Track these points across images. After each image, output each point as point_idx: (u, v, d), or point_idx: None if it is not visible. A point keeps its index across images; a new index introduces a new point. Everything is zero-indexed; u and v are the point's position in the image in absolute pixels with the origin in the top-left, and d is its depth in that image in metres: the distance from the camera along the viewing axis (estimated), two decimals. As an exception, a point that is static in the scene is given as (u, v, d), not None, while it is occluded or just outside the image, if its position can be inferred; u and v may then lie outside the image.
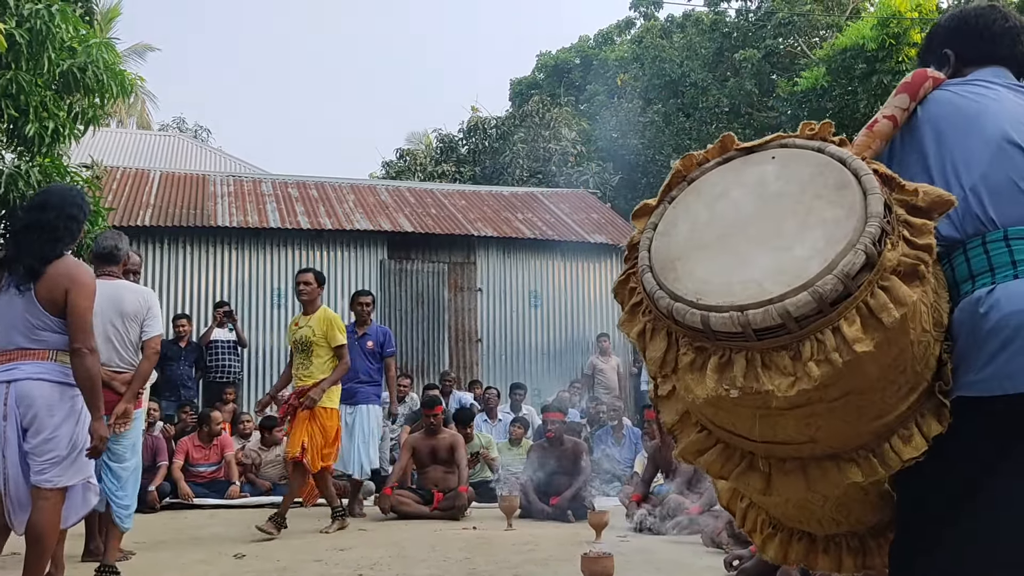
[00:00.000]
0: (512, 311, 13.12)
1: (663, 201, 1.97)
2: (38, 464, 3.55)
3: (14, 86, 5.94)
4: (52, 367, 3.61)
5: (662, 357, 1.78)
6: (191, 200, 12.59)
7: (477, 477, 8.28)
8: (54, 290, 3.60)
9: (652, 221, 1.94)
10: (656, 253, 1.84)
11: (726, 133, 2.01)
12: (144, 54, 25.47)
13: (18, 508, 3.56)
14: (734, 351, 1.68)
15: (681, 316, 1.70)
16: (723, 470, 1.92)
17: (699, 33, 22.03)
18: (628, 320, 1.89)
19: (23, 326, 3.60)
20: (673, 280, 1.76)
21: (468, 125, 23.73)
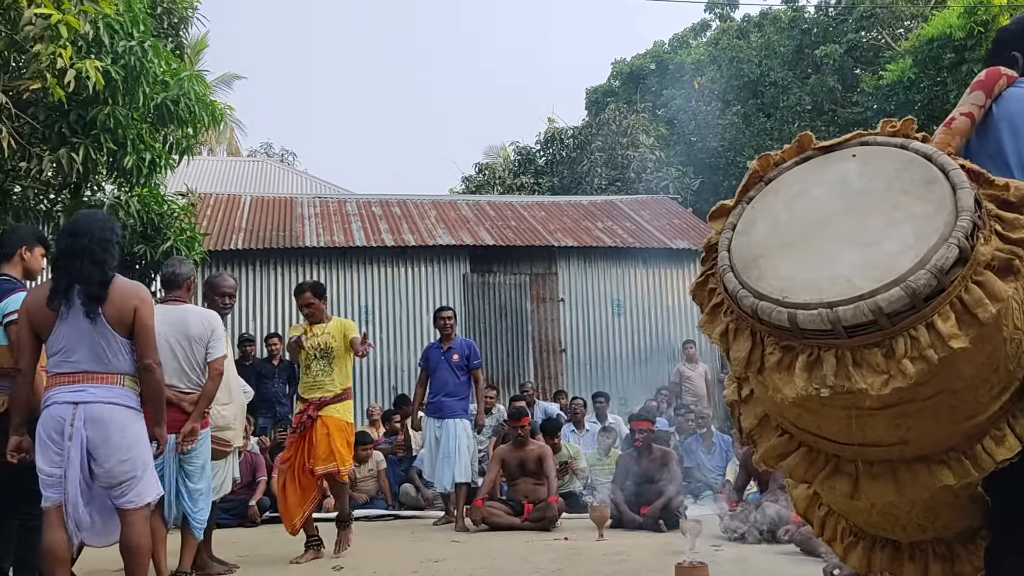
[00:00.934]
0: (595, 320, 13.08)
1: (741, 202, 1.95)
2: (119, 488, 3.67)
3: (112, 120, 6.21)
4: (121, 391, 3.72)
5: (747, 357, 1.76)
6: (280, 223, 12.98)
7: (566, 488, 8.27)
8: (123, 311, 3.70)
9: (730, 221, 1.92)
10: (736, 252, 1.82)
11: (804, 133, 1.99)
12: (231, 83, 26.41)
13: (80, 527, 3.64)
14: (823, 349, 1.64)
15: (766, 314, 1.67)
16: (807, 474, 1.88)
17: (777, 31, 21.64)
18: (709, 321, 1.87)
19: (91, 350, 3.68)
20: (756, 278, 1.74)
21: (545, 136, 23.81)
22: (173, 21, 7.82)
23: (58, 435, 3.60)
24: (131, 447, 3.69)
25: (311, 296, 6.02)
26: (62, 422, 3.60)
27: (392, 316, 12.33)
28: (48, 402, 3.67)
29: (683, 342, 12.12)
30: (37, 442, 3.67)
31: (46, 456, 3.62)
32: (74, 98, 5.67)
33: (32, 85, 5.20)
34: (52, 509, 3.62)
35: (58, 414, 3.61)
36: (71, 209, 7.13)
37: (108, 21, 5.51)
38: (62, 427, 3.60)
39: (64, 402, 3.62)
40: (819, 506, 2.23)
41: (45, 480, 3.62)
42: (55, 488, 3.61)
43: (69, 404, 3.63)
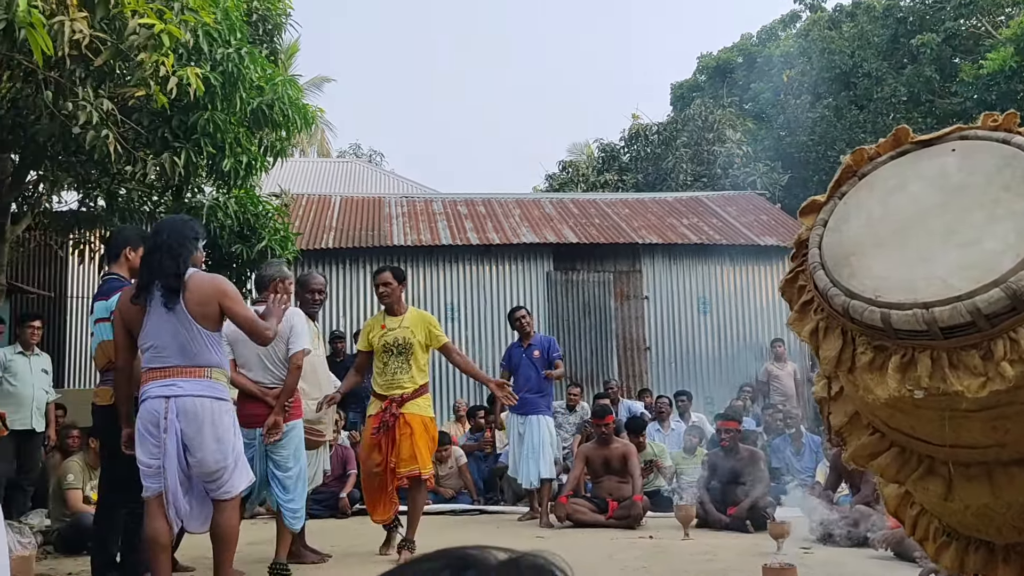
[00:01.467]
0: (680, 318, 12.95)
1: (832, 197, 1.91)
2: (212, 477, 3.83)
3: (211, 125, 6.49)
4: (209, 384, 3.83)
5: (837, 356, 1.73)
6: (369, 222, 13.26)
7: (651, 486, 8.23)
8: (206, 305, 3.82)
9: (821, 217, 1.88)
10: (828, 249, 1.79)
11: (900, 126, 1.94)
12: (322, 85, 27.07)
13: (179, 515, 3.82)
14: (917, 350, 1.60)
15: (858, 314, 1.64)
16: (899, 475, 1.85)
17: (871, 21, 20.97)
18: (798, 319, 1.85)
19: (177, 345, 3.81)
20: (848, 276, 1.70)
21: (629, 133, 23.66)
22: (268, 27, 8.09)
23: (154, 428, 3.76)
24: (221, 438, 3.83)
25: (390, 276, 5.67)
26: (157, 415, 3.76)
27: (477, 314, 12.46)
28: (143, 396, 3.83)
29: (771, 340, 11.90)
30: (136, 435, 3.84)
31: (145, 448, 3.79)
32: (175, 104, 5.93)
33: (137, 92, 5.46)
34: (153, 499, 3.80)
35: (153, 408, 3.77)
36: (173, 210, 7.47)
37: (207, 29, 5.74)
38: (157, 420, 3.75)
39: (157, 396, 3.77)
40: (911, 505, 2.19)
41: (145, 471, 3.80)
42: (155, 478, 3.78)
43: (162, 398, 3.77)
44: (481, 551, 0.71)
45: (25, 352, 7.18)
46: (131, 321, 3.91)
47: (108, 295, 4.27)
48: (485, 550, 0.71)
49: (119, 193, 7.62)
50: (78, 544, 5.71)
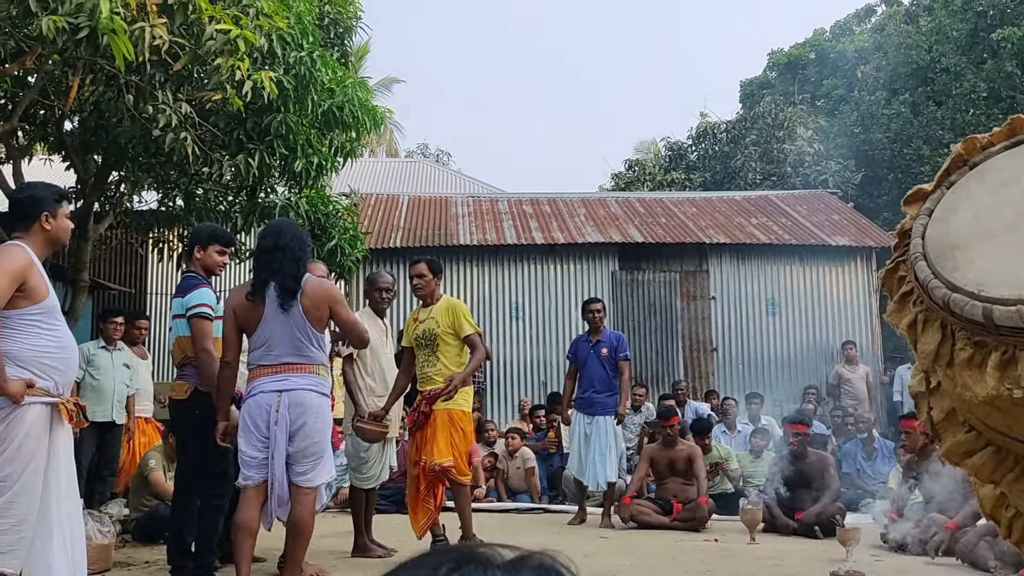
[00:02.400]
0: (748, 319, 12.76)
1: (940, 186, 1.86)
2: (303, 465, 4.01)
3: (284, 127, 6.64)
4: (317, 380, 4.07)
5: (935, 350, 1.69)
6: (435, 221, 13.39)
7: (717, 489, 8.15)
8: (320, 308, 4.05)
9: (927, 207, 1.83)
10: (931, 240, 1.74)
11: (1016, 116, 1.88)
12: (391, 86, 27.46)
13: (280, 503, 4.04)
14: (1019, 348, 1.56)
15: (959, 308, 1.60)
16: (994, 474, 1.80)
17: (949, 15, 20.33)
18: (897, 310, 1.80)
19: (291, 343, 4.00)
20: (951, 269, 1.66)
21: (697, 131, 23.38)
22: (339, 31, 8.23)
23: (263, 422, 3.95)
24: (322, 430, 4.05)
25: (425, 268, 5.52)
26: (268, 409, 3.95)
27: (542, 313, 12.49)
28: (253, 391, 4.01)
29: (842, 343, 11.66)
30: (241, 427, 4.03)
31: (250, 440, 3.98)
32: (250, 107, 6.08)
33: (214, 96, 5.62)
34: (251, 488, 4.00)
35: (264, 402, 3.96)
36: (247, 210, 7.67)
37: (281, 34, 5.87)
38: (268, 414, 3.95)
39: (270, 391, 3.97)
40: (1006, 507, 2.14)
41: (248, 462, 3.99)
42: (257, 469, 3.98)
43: (274, 392, 3.97)
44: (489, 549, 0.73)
45: (108, 347, 7.46)
46: (245, 320, 4.08)
47: (184, 292, 4.40)
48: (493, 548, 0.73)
49: (196, 193, 7.85)
50: (155, 533, 5.91)
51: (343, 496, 7.81)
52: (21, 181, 7.11)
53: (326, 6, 7.97)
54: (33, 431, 3.08)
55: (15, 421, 3.06)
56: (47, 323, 3.17)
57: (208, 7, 5.25)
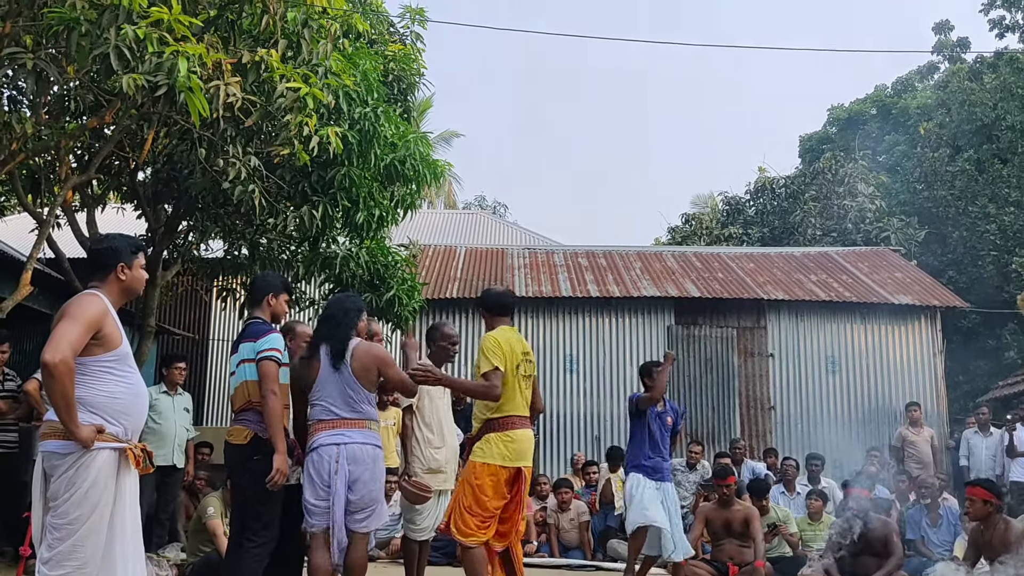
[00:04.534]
0: (807, 377, 12.52)
1: None
2: (362, 513, 4.41)
3: (347, 180, 6.82)
4: (371, 434, 4.49)
5: None
6: (492, 273, 13.49)
7: (774, 552, 7.92)
8: (369, 370, 4.52)
9: None
10: None
11: None
12: (451, 140, 27.98)
13: (339, 549, 4.39)
14: None
15: None
16: None
17: (1014, 72, 20.04)
18: None
19: (342, 399, 4.47)
20: None
21: (755, 186, 23.26)
22: (402, 87, 8.45)
23: (326, 473, 4.36)
24: (378, 479, 4.47)
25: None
26: (329, 461, 4.36)
27: (596, 366, 12.42)
28: (315, 445, 4.43)
29: (906, 404, 11.34)
30: (306, 478, 4.43)
31: (314, 490, 4.40)
32: (315, 160, 6.27)
33: (282, 151, 5.80)
34: (318, 534, 4.41)
35: (326, 455, 4.37)
36: (309, 260, 7.84)
37: (347, 91, 6.06)
38: (329, 465, 4.36)
39: (329, 444, 4.39)
40: None
41: (312, 510, 4.40)
42: (321, 517, 4.38)
43: (333, 446, 4.39)
44: None
45: (169, 392, 7.62)
46: (299, 378, 4.62)
47: (255, 337, 4.47)
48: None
49: (261, 243, 8.06)
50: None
51: (395, 547, 7.79)
52: (95, 229, 7.39)
53: (391, 63, 8.20)
54: (101, 476, 3.16)
55: (84, 466, 3.14)
56: (120, 370, 3.27)
57: (280, 66, 5.45)
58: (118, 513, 3.22)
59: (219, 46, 5.58)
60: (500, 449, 4.71)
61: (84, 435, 3.11)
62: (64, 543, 3.10)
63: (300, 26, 5.70)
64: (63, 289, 7.75)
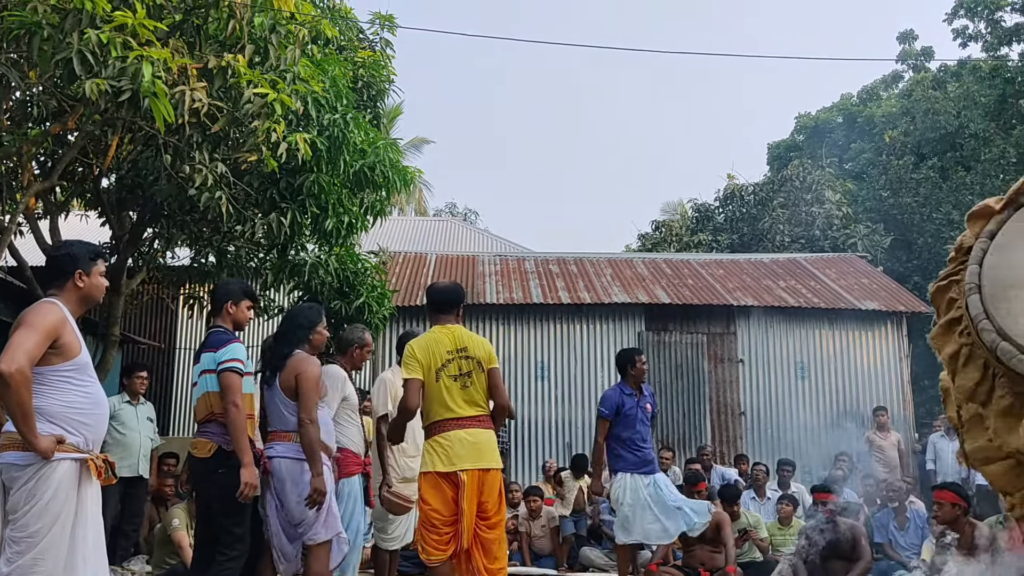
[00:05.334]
0: (777, 383, 12.62)
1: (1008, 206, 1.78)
2: (302, 527, 4.40)
3: (316, 187, 6.76)
4: (293, 447, 4.45)
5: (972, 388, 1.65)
6: (462, 279, 13.43)
7: (745, 557, 7.95)
8: (288, 379, 4.50)
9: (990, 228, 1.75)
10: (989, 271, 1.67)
11: None
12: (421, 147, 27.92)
13: (281, 557, 4.49)
14: None
15: (1007, 358, 1.57)
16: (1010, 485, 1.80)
17: (977, 81, 20.41)
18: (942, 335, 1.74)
19: (275, 412, 4.55)
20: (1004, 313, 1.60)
21: (724, 193, 23.44)
22: (372, 93, 8.41)
23: (264, 485, 4.43)
24: (302, 494, 4.37)
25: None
26: (266, 474, 4.43)
27: (567, 373, 12.43)
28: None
29: (873, 409, 11.46)
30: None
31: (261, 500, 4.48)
32: (284, 167, 6.21)
33: (250, 157, 5.74)
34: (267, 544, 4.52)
35: (264, 467, 4.44)
36: (277, 267, 7.76)
37: (316, 97, 6.01)
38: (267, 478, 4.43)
39: (264, 456, 4.48)
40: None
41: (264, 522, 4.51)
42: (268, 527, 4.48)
43: (267, 458, 4.47)
44: None
45: (132, 401, 7.51)
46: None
47: (216, 347, 4.36)
48: None
49: (228, 250, 7.97)
50: (176, 591, 5.86)
51: (365, 556, 7.72)
52: (58, 237, 7.26)
53: (360, 70, 8.16)
54: (62, 487, 3.09)
55: (44, 477, 3.07)
56: (79, 379, 3.21)
57: (247, 72, 5.40)
58: (80, 525, 3.15)
59: (184, 51, 5.52)
60: (432, 456, 4.48)
61: (44, 446, 3.04)
62: (24, 556, 3.03)
63: (267, 31, 5.65)
64: (25, 298, 7.60)
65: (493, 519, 4.52)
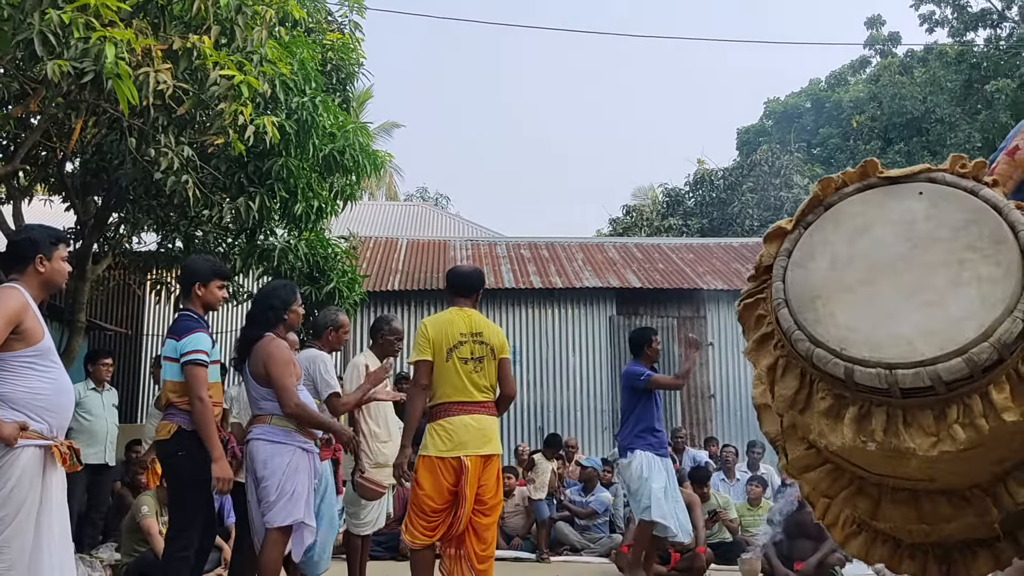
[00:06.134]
0: (746, 366, 12.70)
1: (798, 226, 1.91)
2: (263, 507, 4.31)
3: (285, 171, 6.69)
4: (266, 429, 4.36)
5: (792, 396, 1.75)
6: (434, 264, 13.42)
7: (715, 538, 8.05)
8: (257, 365, 4.40)
9: (786, 247, 1.89)
10: (792, 286, 1.79)
11: (869, 159, 1.96)
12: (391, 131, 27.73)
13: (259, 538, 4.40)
14: (874, 404, 1.64)
15: (822, 363, 1.67)
16: (830, 490, 1.88)
17: (943, 66, 20.64)
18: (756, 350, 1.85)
19: (250, 397, 4.51)
20: (813, 322, 1.72)
21: (694, 178, 23.57)
22: (341, 76, 8.33)
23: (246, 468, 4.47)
24: (265, 476, 4.28)
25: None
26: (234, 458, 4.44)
27: (539, 357, 12.46)
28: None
29: (840, 391, 11.61)
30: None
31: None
32: (252, 150, 6.14)
33: (217, 140, 5.67)
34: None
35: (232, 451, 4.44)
36: (246, 252, 7.69)
37: (284, 80, 5.94)
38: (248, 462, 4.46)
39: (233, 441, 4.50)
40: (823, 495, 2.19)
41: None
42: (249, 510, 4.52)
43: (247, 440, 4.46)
44: None
45: (97, 388, 7.41)
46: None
47: (180, 335, 4.20)
48: None
49: (196, 235, 7.87)
50: (146, 579, 5.81)
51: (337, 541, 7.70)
52: (21, 222, 7.13)
53: (329, 52, 8.08)
54: (26, 475, 3.04)
55: (8, 464, 3.02)
56: (42, 365, 3.15)
57: (212, 53, 5.32)
58: (45, 513, 3.11)
59: (148, 32, 5.41)
60: (434, 439, 4.41)
61: (6, 433, 2.99)
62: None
63: (233, 12, 5.55)
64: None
65: (490, 504, 4.48)
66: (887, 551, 2.08)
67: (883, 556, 2.09)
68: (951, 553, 2.01)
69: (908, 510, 1.81)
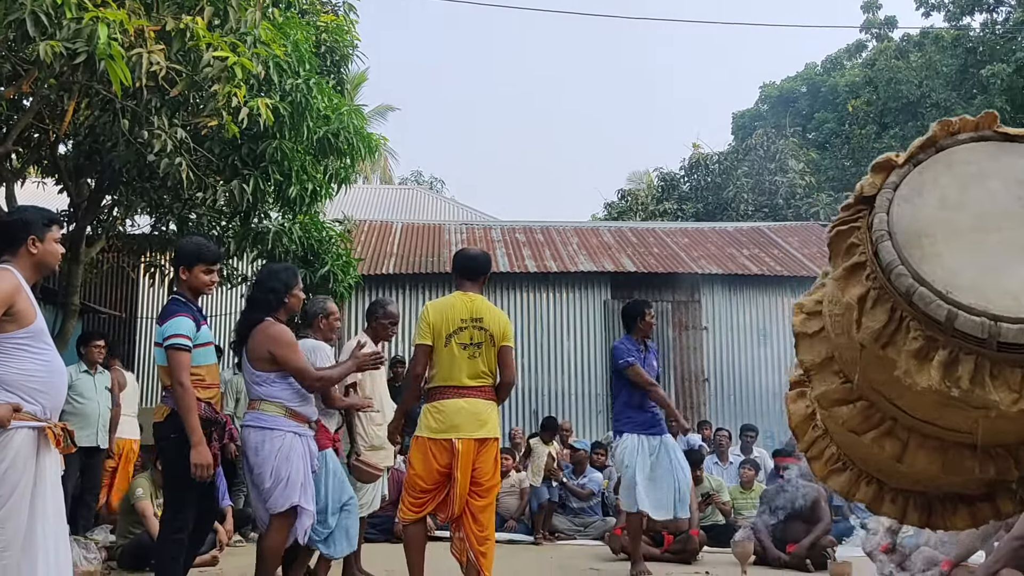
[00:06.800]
0: (740, 350, 12.77)
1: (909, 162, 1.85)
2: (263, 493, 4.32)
3: (279, 153, 6.65)
4: (255, 415, 4.38)
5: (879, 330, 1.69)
6: (429, 248, 13.40)
7: (708, 521, 8.10)
8: (258, 349, 4.37)
9: (892, 180, 1.82)
10: (898, 220, 1.73)
11: (989, 111, 1.90)
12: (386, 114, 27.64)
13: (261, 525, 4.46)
14: (963, 352, 1.61)
15: (923, 303, 1.62)
16: (859, 427, 1.85)
17: (939, 51, 20.60)
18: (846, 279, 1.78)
19: (246, 383, 4.52)
20: (919, 259, 1.66)
21: (690, 162, 23.54)
22: (335, 59, 8.28)
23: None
24: (258, 463, 4.31)
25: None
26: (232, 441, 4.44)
27: (534, 341, 12.47)
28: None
29: (834, 375, 11.64)
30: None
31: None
32: (245, 133, 6.09)
33: (210, 122, 5.63)
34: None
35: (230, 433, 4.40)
36: (240, 235, 7.66)
37: (278, 62, 5.90)
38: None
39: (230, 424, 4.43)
40: (813, 427, 2.18)
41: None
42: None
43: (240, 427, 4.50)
44: None
45: (89, 371, 7.40)
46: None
47: (162, 320, 4.14)
48: None
49: (190, 218, 7.84)
50: (141, 561, 5.83)
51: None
52: (14, 204, 7.09)
53: (323, 35, 8.02)
54: (20, 456, 3.04)
55: (1, 446, 3.02)
56: (35, 347, 3.14)
57: (206, 35, 5.28)
58: (39, 495, 3.11)
59: (141, 12, 5.36)
60: (427, 420, 4.51)
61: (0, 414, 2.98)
62: (-17, 526, 2.98)
63: (227, -7, 5.52)
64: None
65: (486, 485, 4.52)
66: (871, 491, 2.08)
67: (866, 496, 2.09)
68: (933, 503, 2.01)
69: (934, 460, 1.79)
